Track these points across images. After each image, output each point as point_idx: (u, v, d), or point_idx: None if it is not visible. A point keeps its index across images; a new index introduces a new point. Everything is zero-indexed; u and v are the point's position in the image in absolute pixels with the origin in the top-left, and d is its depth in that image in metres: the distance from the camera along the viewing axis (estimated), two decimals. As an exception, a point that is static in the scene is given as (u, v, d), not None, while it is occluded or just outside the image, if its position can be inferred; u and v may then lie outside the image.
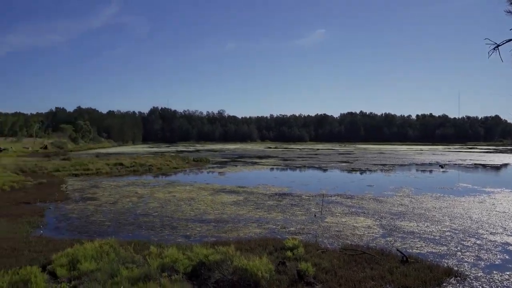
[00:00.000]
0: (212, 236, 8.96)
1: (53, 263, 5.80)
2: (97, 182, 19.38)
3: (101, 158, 33.78)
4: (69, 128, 79.02)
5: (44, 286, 4.75)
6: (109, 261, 5.76)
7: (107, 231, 9.44)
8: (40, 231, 9.36)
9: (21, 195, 14.40)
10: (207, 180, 20.73)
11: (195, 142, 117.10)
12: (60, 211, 11.94)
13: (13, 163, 27.04)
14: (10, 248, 7.27)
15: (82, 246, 6.31)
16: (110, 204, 13.06)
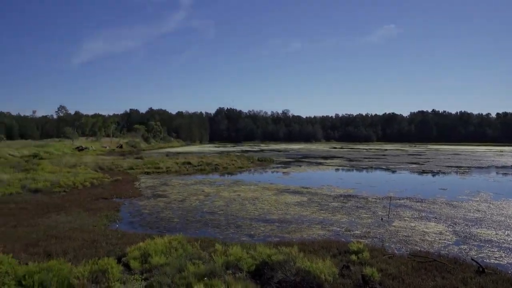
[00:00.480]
0: (275, 236, 9.03)
1: (127, 256, 6.21)
2: (167, 180, 20.35)
3: (170, 157, 35.43)
4: (142, 128, 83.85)
5: (119, 277, 5.09)
6: (177, 256, 6.05)
7: (175, 228, 9.89)
8: (116, 225, 10.06)
9: (99, 191, 15.56)
10: (271, 180, 20.89)
11: (259, 142, 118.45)
12: (134, 207, 12.72)
13: (93, 161, 29.29)
14: (90, 240, 7.89)
15: (153, 241, 6.68)
16: (179, 202, 13.65)
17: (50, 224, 9.57)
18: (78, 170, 21.80)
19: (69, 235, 8.30)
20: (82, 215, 10.92)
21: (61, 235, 8.29)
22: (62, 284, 4.49)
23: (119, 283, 4.96)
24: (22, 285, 4.47)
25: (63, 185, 16.01)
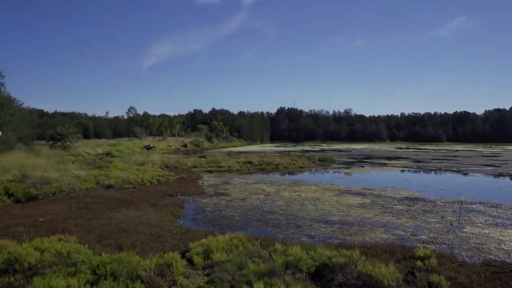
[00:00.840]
0: (336, 238, 8.87)
1: (190, 251, 6.45)
2: (228, 179, 20.80)
3: (232, 156, 36.16)
4: (205, 128, 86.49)
5: (183, 271, 5.30)
6: (238, 254, 6.16)
7: (236, 226, 10.08)
8: (180, 221, 10.47)
9: (165, 188, 16.29)
10: (333, 180, 20.54)
11: (320, 141, 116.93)
12: (197, 204, 13.16)
13: (159, 159, 30.73)
14: (157, 234, 8.29)
15: (215, 238, 6.87)
16: (240, 200, 13.90)
17: (121, 218, 10.19)
18: (146, 168, 23.00)
19: (137, 229, 8.79)
20: (150, 210, 11.50)
21: (130, 228, 8.80)
22: (131, 275, 4.77)
23: (183, 277, 5.16)
24: (96, 274, 4.81)
25: (132, 182, 16.97)
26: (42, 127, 47.09)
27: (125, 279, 4.65)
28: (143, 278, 4.78)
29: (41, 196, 13.34)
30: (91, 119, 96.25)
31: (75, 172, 18.49)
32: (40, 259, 5.16)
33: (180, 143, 65.97)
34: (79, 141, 43.30)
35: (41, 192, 13.57)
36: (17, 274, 4.87)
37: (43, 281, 4.37)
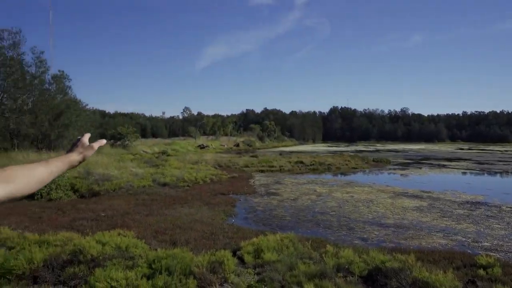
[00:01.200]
0: (390, 242, 8.58)
1: (241, 250, 6.53)
2: (280, 178, 20.81)
3: (283, 156, 36.14)
4: (257, 128, 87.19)
5: (234, 269, 5.39)
6: (288, 254, 6.15)
7: (287, 226, 10.07)
8: (232, 219, 10.64)
9: (218, 187, 16.62)
10: (387, 182, 19.88)
11: (375, 141, 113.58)
12: (248, 203, 13.30)
13: (212, 158, 31.43)
14: (209, 232, 8.49)
15: (265, 237, 6.91)
16: (291, 201, 13.86)
17: (175, 215, 10.55)
18: (199, 167, 23.61)
19: (191, 226, 9.05)
20: (203, 208, 11.79)
21: (184, 225, 9.09)
22: (185, 271, 4.92)
23: (234, 275, 5.25)
24: (152, 268, 5.01)
25: (186, 180, 17.50)
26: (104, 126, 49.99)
27: (179, 274, 4.81)
28: (196, 274, 4.91)
29: (102, 192, 14.14)
30: (148, 119, 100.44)
31: (133, 170, 19.41)
32: (101, 252, 5.47)
33: (232, 143, 66.99)
34: (137, 140, 45.39)
35: (102, 189, 14.38)
36: (81, 265, 5.20)
37: (104, 273, 4.63)
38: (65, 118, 29.27)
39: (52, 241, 5.96)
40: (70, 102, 30.41)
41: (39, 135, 28.26)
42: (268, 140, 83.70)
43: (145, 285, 4.48)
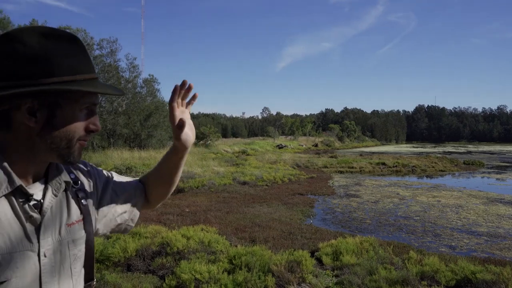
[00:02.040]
0: (482, 251, 7.92)
1: (319, 251, 6.51)
2: (360, 180, 20.25)
3: (364, 156, 35.04)
4: (337, 128, 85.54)
5: (312, 270, 5.40)
6: (368, 258, 6.00)
7: (367, 229, 9.78)
8: (310, 220, 10.61)
9: (296, 187, 16.67)
10: (480, 186, 18.31)
11: (466, 142, 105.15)
12: (327, 204, 13.15)
13: (290, 158, 31.55)
14: (287, 232, 8.58)
15: (344, 239, 6.80)
16: (372, 203, 13.42)
17: (255, 213, 10.80)
18: (278, 166, 23.86)
19: (269, 225, 9.21)
20: (281, 208, 11.93)
21: (263, 224, 9.28)
22: (263, 268, 5.05)
23: (312, 276, 5.26)
24: (232, 263, 5.22)
25: (265, 179, 17.79)
26: (189, 127, 52.65)
27: (257, 271, 4.95)
28: (274, 272, 5.01)
29: (186, 189, 14.96)
30: (229, 119, 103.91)
31: (215, 169, 20.25)
32: (186, 245, 5.82)
33: (311, 143, 66.56)
34: (219, 140, 47.19)
35: (187, 186, 15.21)
36: (168, 256, 5.59)
37: (188, 265, 4.93)
38: (154, 119, 31.48)
39: (143, 233, 6.48)
40: (159, 104, 32.62)
41: (131, 135, 30.74)
42: (348, 140, 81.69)
43: (226, 280, 4.68)
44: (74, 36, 0.94)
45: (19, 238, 0.89)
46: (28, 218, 0.92)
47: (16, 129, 0.90)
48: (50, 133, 0.91)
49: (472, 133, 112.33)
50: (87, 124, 0.96)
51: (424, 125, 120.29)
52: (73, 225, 1.02)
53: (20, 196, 0.92)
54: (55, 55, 0.87)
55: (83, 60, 0.93)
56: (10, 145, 0.92)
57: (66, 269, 0.99)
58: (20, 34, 0.87)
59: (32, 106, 0.88)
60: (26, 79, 0.85)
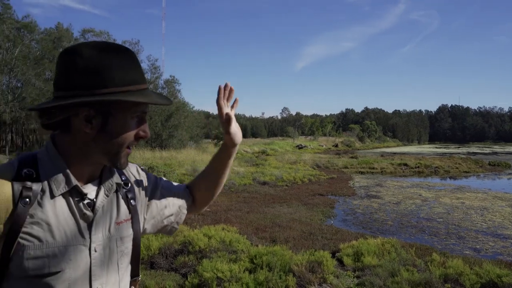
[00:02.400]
0: (508, 255, 7.73)
1: (340, 252, 6.49)
2: (381, 181, 20.01)
3: (385, 157, 34.58)
4: (357, 128, 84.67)
5: (333, 271, 5.39)
6: (390, 260, 5.94)
7: (389, 230, 9.68)
8: (331, 221, 10.57)
9: (316, 187, 16.60)
10: (506, 188, 17.83)
11: (492, 143, 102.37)
12: (347, 205, 13.06)
13: (310, 158, 31.42)
14: (308, 232, 8.57)
15: (365, 240, 6.75)
16: (393, 204, 13.26)
17: (275, 213, 10.83)
18: (298, 167, 23.82)
19: (289, 225, 9.23)
20: (301, 208, 11.91)
21: (283, 224, 9.30)
22: (284, 268, 5.08)
23: (333, 276, 5.25)
24: (253, 263, 5.27)
25: (285, 179, 17.79)
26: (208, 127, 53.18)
27: (278, 270, 4.98)
28: (295, 272, 5.03)
29: (207, 188, 15.09)
30: (248, 120, 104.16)
31: (235, 169, 20.36)
32: (208, 244, 5.90)
33: (331, 143, 66.09)
34: (238, 140, 47.28)
35: (207, 185, 15.35)
36: (190, 255, 5.68)
37: (210, 264, 5.00)
38: (174, 119, 31.89)
39: (166, 232, 6.59)
40: (179, 105, 33.03)
41: (152, 135, 31.22)
42: (369, 140, 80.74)
43: (247, 279, 4.72)
44: (126, 48, 1.01)
45: (73, 233, 0.98)
46: (82, 215, 1.01)
47: (74, 134, 0.99)
48: (103, 138, 0.99)
49: (498, 133, 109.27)
50: (137, 131, 1.04)
51: (447, 125, 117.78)
52: (121, 224, 1.10)
53: (76, 195, 1.01)
54: (109, 67, 0.95)
55: (134, 71, 1.00)
56: (69, 148, 1.01)
57: (113, 264, 1.07)
58: (79, 49, 0.95)
59: (89, 114, 0.96)
60: (85, 89, 0.94)
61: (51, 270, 0.94)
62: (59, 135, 1.03)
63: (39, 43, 31.67)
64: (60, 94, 0.96)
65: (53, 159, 1.00)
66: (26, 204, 0.93)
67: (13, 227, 0.92)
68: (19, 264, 0.92)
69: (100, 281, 1.02)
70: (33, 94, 27.98)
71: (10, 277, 0.94)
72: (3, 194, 0.92)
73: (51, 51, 30.67)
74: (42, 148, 1.04)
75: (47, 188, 0.97)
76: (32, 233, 0.93)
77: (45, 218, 0.95)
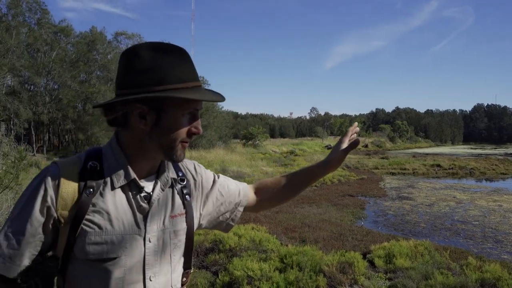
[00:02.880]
0: (550, 260, 7.39)
1: (371, 253, 6.39)
2: (413, 182, 19.55)
3: (417, 158, 33.74)
4: (388, 128, 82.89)
5: (364, 272, 5.33)
6: (423, 263, 5.81)
7: (421, 232, 9.45)
8: (361, 222, 10.42)
9: (345, 188, 16.41)
10: (547, 191, 17.04)
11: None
12: (378, 206, 12.84)
13: (340, 159, 30.97)
14: (338, 233, 8.49)
15: (397, 242, 6.63)
16: (426, 206, 12.93)
17: (304, 213, 10.79)
18: (327, 167, 23.53)
19: (319, 225, 9.17)
20: (330, 209, 11.81)
21: (312, 224, 9.25)
22: (314, 268, 5.06)
23: (364, 278, 5.19)
24: (284, 262, 5.27)
25: (314, 180, 17.64)
26: (237, 127, 53.53)
27: (309, 271, 4.96)
28: (326, 273, 5.00)
29: (237, 188, 15.19)
30: (277, 120, 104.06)
31: (264, 169, 20.41)
32: (238, 243, 5.96)
33: (361, 143, 64.82)
34: (267, 140, 47.40)
35: (236, 185, 15.45)
36: (221, 253, 5.75)
37: (240, 262, 5.05)
38: (204, 120, 32.25)
39: (196, 230, 6.70)
40: (209, 105, 33.37)
41: (183, 135, 31.66)
42: (400, 141, 78.92)
43: (278, 278, 4.74)
44: (180, 48, 1.06)
45: (130, 223, 1.05)
46: (138, 207, 1.08)
47: (132, 129, 1.06)
48: (157, 134, 1.04)
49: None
50: (189, 128, 1.08)
51: (483, 125, 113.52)
52: (176, 217, 1.15)
53: (134, 188, 1.08)
54: (163, 66, 1.00)
55: (187, 69, 1.05)
56: (128, 143, 1.08)
57: (166, 255, 1.12)
58: (136, 49, 1.02)
59: (142, 111, 1.02)
60: (140, 87, 0.99)
61: (109, 256, 1.01)
62: (121, 132, 1.09)
63: (74, 46, 32.84)
64: (119, 92, 1.03)
65: (115, 153, 1.07)
66: (89, 194, 1.01)
67: (78, 214, 1.00)
68: (82, 248, 1.00)
69: (153, 270, 1.08)
70: (69, 95, 29.02)
71: (74, 259, 1.02)
72: (71, 185, 1.01)
73: (85, 53, 31.74)
74: (107, 143, 1.12)
75: (108, 180, 1.04)
76: (94, 220, 1.01)
77: (105, 207, 1.02)
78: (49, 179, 1.00)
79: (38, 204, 0.98)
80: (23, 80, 28.81)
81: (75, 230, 1.00)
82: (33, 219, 0.98)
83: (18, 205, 1.01)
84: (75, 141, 33.69)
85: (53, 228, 1.01)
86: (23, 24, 28.98)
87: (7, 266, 0.98)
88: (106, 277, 1.01)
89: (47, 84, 30.33)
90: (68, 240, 1.00)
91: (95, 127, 28.11)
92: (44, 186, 0.99)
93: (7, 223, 1.00)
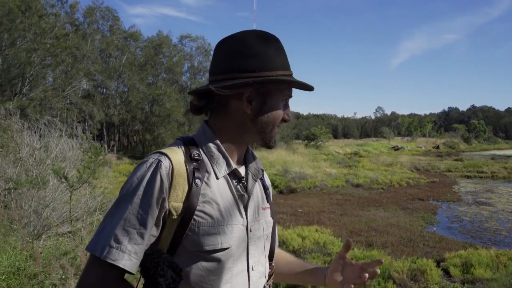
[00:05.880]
0: None
1: (446, 261, 5.94)
2: (492, 186, 18.05)
3: (497, 160, 31.18)
4: (462, 128, 77.52)
5: (438, 281, 4.95)
6: (506, 274, 5.28)
7: (503, 241, 8.63)
8: (433, 228, 9.76)
9: (415, 191, 15.54)
10: None
11: None
12: (452, 211, 11.98)
13: (408, 161, 29.56)
14: (407, 238, 8.03)
15: (476, 251, 6.10)
16: (508, 213, 11.83)
17: (370, 217, 10.36)
18: (394, 169, 22.55)
19: (386, 230, 8.74)
20: (398, 212, 11.24)
21: (379, 228, 8.84)
22: (383, 274, 4.79)
23: (438, 287, 4.82)
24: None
25: (380, 182, 16.98)
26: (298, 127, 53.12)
27: (377, 277, 4.71)
28: (395, 279, 4.72)
29: (299, 189, 15.04)
30: (340, 120, 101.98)
31: (327, 170, 20.00)
32: (301, 245, 5.84)
33: (431, 144, 61.64)
34: (329, 141, 46.52)
35: (299, 186, 15.29)
36: (284, 255, 5.66)
37: (304, 265, 4.91)
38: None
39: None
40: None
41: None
42: (476, 142, 73.44)
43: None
44: (277, 37, 1.07)
45: (235, 213, 1.05)
46: (240, 197, 1.07)
47: (232, 115, 1.05)
48: (260, 118, 1.04)
49: None
50: (284, 114, 1.08)
51: None
52: (265, 209, 1.15)
53: (233, 177, 1.07)
54: (269, 53, 1.02)
55: (285, 57, 1.07)
56: (223, 130, 1.07)
57: (261, 245, 1.12)
58: (242, 36, 1.04)
59: (250, 95, 1.02)
60: (248, 72, 1.00)
61: (223, 246, 1.00)
62: (212, 119, 1.08)
63: (142, 50, 34.71)
64: (220, 77, 1.02)
65: (211, 142, 1.06)
66: (197, 184, 0.99)
67: (190, 205, 0.98)
68: (196, 240, 0.98)
69: (254, 260, 1.08)
70: (138, 97, 30.67)
71: (183, 252, 0.99)
72: (182, 175, 0.98)
73: (153, 57, 33.43)
74: (198, 132, 1.09)
75: (211, 170, 1.03)
76: (205, 211, 0.99)
77: (214, 197, 1.01)
78: (164, 169, 0.96)
79: (155, 195, 0.95)
80: (96, 84, 30.97)
81: (186, 221, 0.98)
82: (153, 212, 0.95)
83: (128, 197, 0.95)
84: (143, 141, 35.47)
85: (162, 221, 0.98)
86: (97, 31, 31.30)
87: (133, 262, 0.93)
88: (218, 268, 1.00)
89: (117, 87, 32.31)
90: (176, 233, 0.98)
91: (161, 128, 29.38)
92: (159, 177, 0.96)
93: (119, 217, 0.94)
